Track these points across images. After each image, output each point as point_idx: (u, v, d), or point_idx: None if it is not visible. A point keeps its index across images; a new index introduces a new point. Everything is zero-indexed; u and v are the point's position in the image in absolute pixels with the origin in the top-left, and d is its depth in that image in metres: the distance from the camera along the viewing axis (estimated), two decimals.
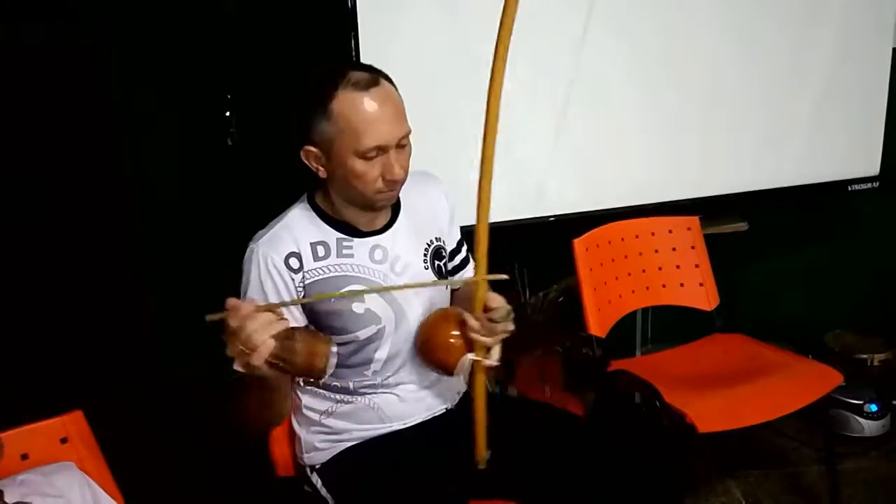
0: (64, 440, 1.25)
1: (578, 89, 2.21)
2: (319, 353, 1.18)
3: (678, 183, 2.40)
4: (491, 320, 1.28)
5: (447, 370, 1.35)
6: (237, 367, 1.14)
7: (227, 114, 2.52)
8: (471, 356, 1.32)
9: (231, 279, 1.41)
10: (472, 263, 1.64)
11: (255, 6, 2.46)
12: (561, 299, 2.60)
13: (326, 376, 1.39)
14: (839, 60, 2.43)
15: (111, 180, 2.52)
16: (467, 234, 1.58)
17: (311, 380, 1.44)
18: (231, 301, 1.13)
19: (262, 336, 1.10)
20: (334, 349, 1.39)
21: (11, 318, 2.35)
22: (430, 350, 1.38)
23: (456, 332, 1.33)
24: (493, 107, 1.23)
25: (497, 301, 1.30)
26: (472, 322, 1.29)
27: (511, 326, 1.32)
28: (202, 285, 2.43)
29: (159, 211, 2.58)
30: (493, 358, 1.32)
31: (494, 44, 1.18)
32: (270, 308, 1.15)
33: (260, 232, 1.41)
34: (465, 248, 1.63)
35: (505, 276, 1.27)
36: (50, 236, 2.45)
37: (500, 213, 2.20)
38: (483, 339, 1.29)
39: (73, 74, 2.40)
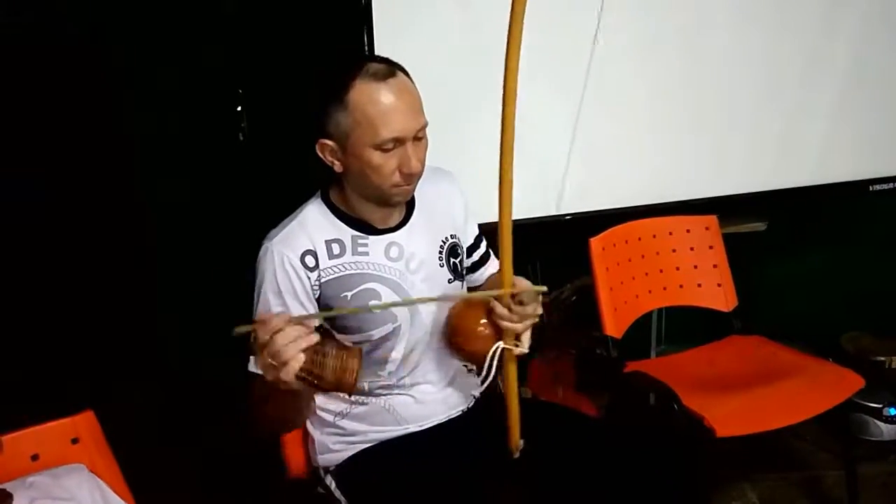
0: (75, 441, 1.24)
1: (596, 87, 2.18)
2: (350, 368, 1.15)
3: (696, 181, 2.36)
4: (520, 303, 1.24)
5: (477, 360, 1.31)
6: (268, 377, 1.11)
7: (239, 109, 2.50)
8: (501, 344, 1.27)
9: (241, 277, 1.38)
10: (492, 259, 1.62)
11: None
12: (574, 298, 2.57)
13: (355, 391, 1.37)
14: (860, 55, 2.38)
15: (118, 177, 2.49)
16: (489, 230, 1.57)
17: (339, 394, 1.41)
18: (261, 314, 1.11)
19: (292, 350, 1.08)
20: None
21: (18, 318, 2.33)
22: (458, 340, 1.33)
23: (484, 321, 1.29)
24: (510, 102, 1.20)
25: (524, 284, 1.26)
26: (500, 309, 1.25)
27: (540, 310, 1.29)
28: (212, 283, 2.42)
29: (168, 208, 2.55)
30: (524, 345, 1.29)
31: (506, 40, 1.15)
32: (300, 321, 1.12)
33: (273, 230, 1.38)
34: (484, 243, 1.61)
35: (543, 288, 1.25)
36: (56, 235, 2.43)
37: (515, 211, 2.17)
38: (512, 325, 1.26)
39: (77, 66, 2.37)
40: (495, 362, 1.27)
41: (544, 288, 1.26)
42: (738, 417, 1.73)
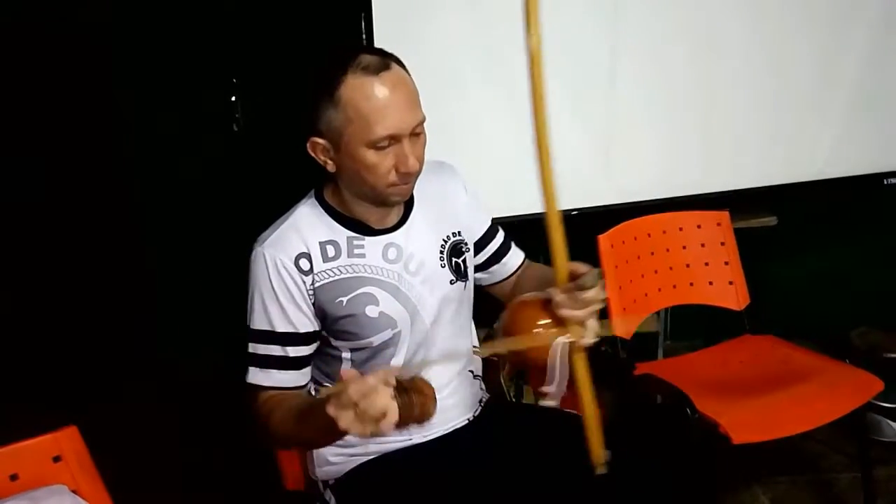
0: (57, 459, 1.17)
1: (602, 79, 2.14)
2: (430, 397, 1.06)
3: (706, 175, 2.32)
4: (580, 288, 1.10)
5: (542, 365, 1.14)
6: (357, 431, 1.01)
7: (233, 99, 2.43)
8: (562, 339, 1.11)
9: (236, 273, 1.33)
10: (514, 249, 1.54)
11: None
12: None
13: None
14: (874, 48, 2.34)
15: (111, 169, 2.43)
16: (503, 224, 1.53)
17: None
18: (348, 372, 1.02)
19: (385, 402, 0.99)
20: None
21: (8, 319, 2.26)
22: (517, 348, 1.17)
23: (542, 321, 1.14)
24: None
25: (582, 267, 1.13)
26: (559, 297, 1.11)
27: (604, 294, 1.14)
28: (206, 279, 2.36)
29: (161, 200, 2.49)
30: (591, 334, 1.12)
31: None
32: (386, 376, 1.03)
33: (264, 233, 1.31)
34: (500, 234, 1.53)
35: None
36: (48, 228, 2.36)
37: (521, 206, 2.13)
38: (576, 313, 1.10)
39: (69, 56, 2.30)
40: (557, 360, 1.12)
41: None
42: (754, 423, 1.68)
